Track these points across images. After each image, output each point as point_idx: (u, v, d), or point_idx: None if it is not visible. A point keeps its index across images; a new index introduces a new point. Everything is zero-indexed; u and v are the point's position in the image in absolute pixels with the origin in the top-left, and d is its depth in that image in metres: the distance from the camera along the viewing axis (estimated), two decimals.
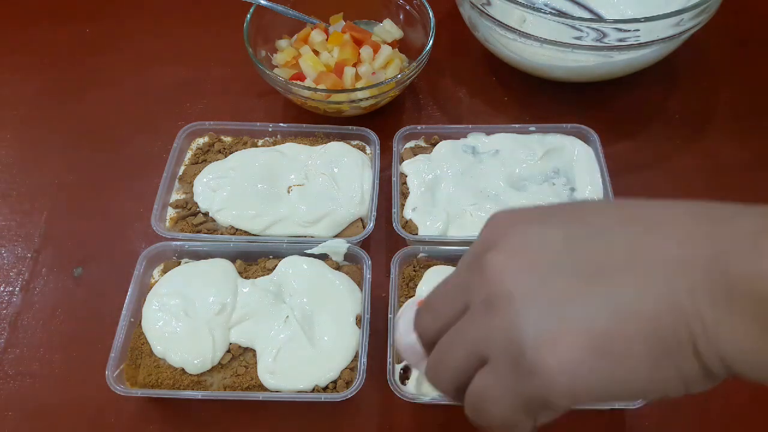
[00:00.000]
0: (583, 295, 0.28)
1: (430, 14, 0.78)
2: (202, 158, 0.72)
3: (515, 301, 0.29)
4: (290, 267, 0.63)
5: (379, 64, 0.77)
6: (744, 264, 0.26)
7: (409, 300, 0.52)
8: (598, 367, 0.27)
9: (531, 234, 0.31)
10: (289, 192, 0.68)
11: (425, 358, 0.40)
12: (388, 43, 0.80)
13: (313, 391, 0.56)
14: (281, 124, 0.74)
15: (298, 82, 0.75)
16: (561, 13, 0.81)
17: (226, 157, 0.72)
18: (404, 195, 0.68)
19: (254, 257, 0.65)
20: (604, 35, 0.69)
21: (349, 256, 0.65)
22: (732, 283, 0.26)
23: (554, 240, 0.30)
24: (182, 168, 0.72)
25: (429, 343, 0.36)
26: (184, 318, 0.59)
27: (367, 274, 0.62)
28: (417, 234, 0.65)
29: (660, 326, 0.26)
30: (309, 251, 0.64)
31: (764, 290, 0.25)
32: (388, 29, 0.82)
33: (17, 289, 0.67)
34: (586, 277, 0.28)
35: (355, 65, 0.77)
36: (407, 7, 0.82)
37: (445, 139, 0.73)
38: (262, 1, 0.79)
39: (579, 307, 0.27)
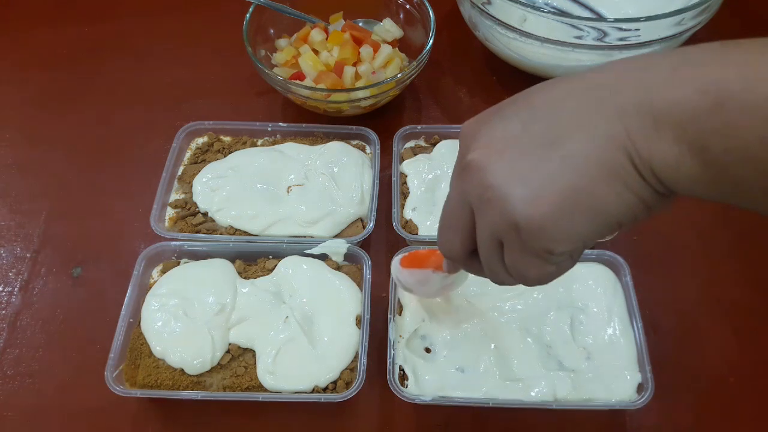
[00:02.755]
0: (545, 161, 0.34)
1: (431, 13, 0.78)
2: (202, 158, 0.72)
3: (497, 187, 0.35)
4: (290, 267, 0.62)
5: (379, 63, 0.77)
6: (663, 96, 0.31)
7: (396, 268, 0.57)
8: (572, 210, 0.34)
9: (493, 129, 0.37)
10: (288, 192, 0.68)
11: (426, 282, 0.52)
12: (388, 43, 0.80)
13: (312, 391, 0.56)
14: (281, 124, 0.74)
15: (298, 82, 0.75)
16: (562, 13, 0.81)
17: (225, 156, 0.72)
18: (404, 195, 0.68)
19: (254, 257, 0.65)
20: (605, 34, 0.69)
21: (349, 256, 0.64)
22: (656, 113, 0.31)
23: (513, 127, 0.36)
24: (181, 168, 0.72)
25: (461, 258, 0.42)
26: (184, 318, 0.58)
27: (367, 274, 0.62)
28: (417, 234, 0.65)
29: (607, 162, 0.33)
30: (309, 251, 0.64)
31: (680, 114, 0.30)
32: (388, 28, 0.81)
33: (16, 289, 0.66)
34: (545, 147, 0.34)
35: (355, 64, 0.77)
36: (407, 6, 0.82)
37: (445, 139, 0.73)
38: (262, 1, 0.79)
39: (546, 172, 0.34)
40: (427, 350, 0.58)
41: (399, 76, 0.73)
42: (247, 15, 0.77)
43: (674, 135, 0.31)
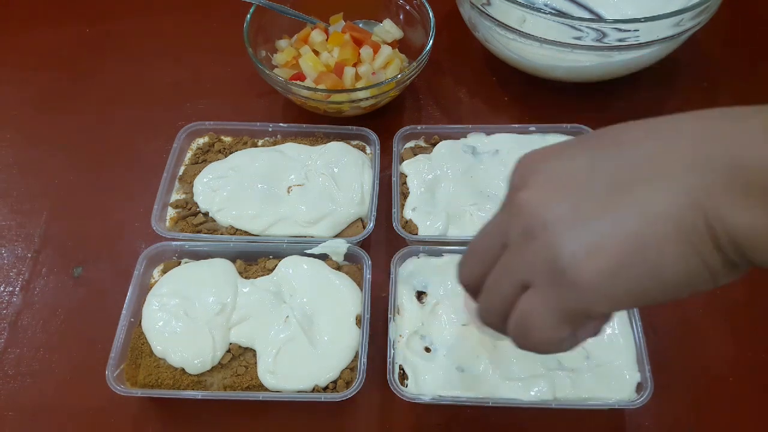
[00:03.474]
0: (611, 208, 0.30)
1: (430, 14, 0.78)
2: (202, 158, 0.72)
3: (550, 225, 0.31)
4: (290, 267, 0.63)
5: (379, 64, 0.77)
6: (757, 157, 0.28)
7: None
8: (633, 269, 0.30)
9: (556, 167, 0.33)
10: (289, 192, 0.68)
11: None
12: (388, 43, 0.80)
13: (313, 391, 0.56)
14: (281, 124, 0.75)
15: (298, 82, 0.75)
16: (561, 13, 0.81)
17: (226, 157, 0.72)
18: (404, 195, 0.68)
19: (254, 257, 0.65)
20: (604, 35, 0.69)
21: (349, 256, 0.65)
22: (747, 175, 0.28)
23: (578, 167, 0.32)
24: (182, 168, 0.72)
25: (474, 289, 0.38)
26: (184, 318, 0.59)
27: (367, 274, 0.62)
28: (417, 234, 0.65)
29: (683, 223, 0.29)
30: (309, 251, 0.64)
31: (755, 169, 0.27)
32: (388, 29, 0.82)
33: (17, 289, 0.67)
34: (612, 193, 0.30)
35: (355, 65, 0.77)
36: (407, 7, 0.82)
37: (445, 139, 0.73)
38: (262, 1, 0.79)
39: (609, 219, 0.30)
40: (427, 350, 0.58)
41: (399, 76, 0.73)
42: (248, 16, 0.78)
43: (766, 201, 0.27)
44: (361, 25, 0.83)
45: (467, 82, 0.85)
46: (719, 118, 0.30)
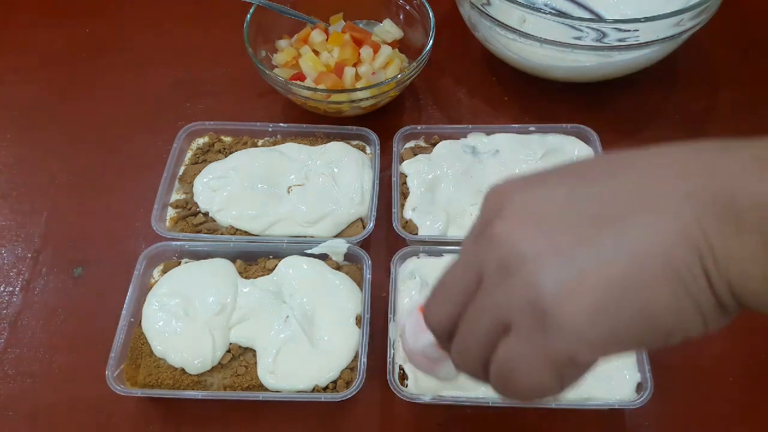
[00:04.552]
0: (594, 242, 0.28)
1: (430, 14, 0.78)
2: (202, 158, 0.72)
3: (529, 260, 0.28)
4: (290, 267, 0.63)
5: (379, 64, 0.77)
6: (750, 190, 0.26)
7: (409, 310, 0.50)
8: (620, 309, 0.27)
9: (533, 196, 0.30)
10: (289, 192, 0.68)
11: (439, 361, 0.39)
12: (388, 43, 0.80)
13: (313, 391, 0.56)
14: (281, 124, 0.75)
15: (298, 82, 0.75)
16: (561, 13, 0.81)
17: (226, 157, 0.72)
18: (404, 195, 0.68)
19: (254, 257, 0.65)
20: (604, 35, 0.69)
21: (349, 256, 0.65)
22: (739, 209, 0.26)
23: (557, 197, 0.30)
24: (182, 168, 0.72)
25: (445, 333, 0.34)
26: (184, 318, 0.59)
27: (367, 274, 0.62)
28: (417, 234, 0.65)
29: (673, 260, 0.27)
30: (309, 251, 0.64)
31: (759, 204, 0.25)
32: (388, 29, 0.82)
33: (17, 289, 0.67)
34: (595, 225, 0.28)
35: (355, 65, 0.77)
36: (407, 7, 0.82)
37: (445, 139, 0.73)
38: (262, 1, 0.79)
39: (593, 255, 0.27)
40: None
41: (399, 76, 0.73)
42: (248, 16, 0.78)
43: (763, 240, 0.26)
44: (361, 25, 0.83)
45: (467, 82, 0.85)
46: (708, 150, 0.29)
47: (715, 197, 0.26)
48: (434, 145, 0.72)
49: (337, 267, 0.64)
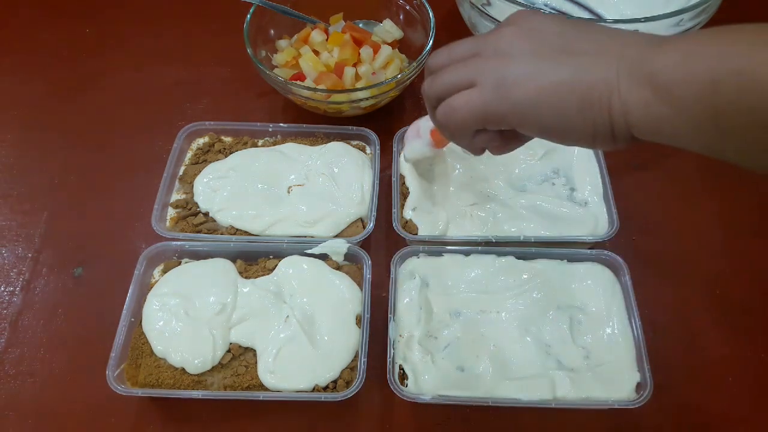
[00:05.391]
0: (559, 60, 0.42)
1: (430, 14, 0.78)
2: (203, 158, 0.72)
3: (515, 54, 0.43)
4: (290, 267, 0.63)
5: (379, 64, 0.77)
6: (651, 60, 0.39)
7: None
8: (548, 103, 0.41)
9: (538, 22, 0.45)
10: (289, 192, 0.69)
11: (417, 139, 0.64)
12: (388, 43, 0.80)
13: (313, 390, 0.56)
14: (281, 124, 0.75)
15: (298, 82, 0.75)
16: (561, 14, 0.81)
17: (226, 157, 0.72)
18: (404, 195, 0.68)
19: (254, 257, 0.65)
20: None
21: (349, 256, 0.65)
22: (642, 71, 0.39)
23: (553, 28, 0.44)
24: (182, 168, 0.72)
25: (437, 71, 0.48)
26: (185, 318, 0.59)
27: (367, 274, 0.62)
28: (417, 234, 0.65)
29: (593, 89, 0.40)
30: (309, 251, 0.64)
31: (655, 73, 0.38)
32: (388, 29, 0.82)
33: (18, 289, 0.67)
34: (564, 52, 0.42)
35: (355, 65, 0.77)
36: (407, 7, 0.82)
37: None
38: (262, 1, 0.79)
39: (553, 67, 0.42)
40: (427, 350, 0.58)
41: (399, 76, 0.73)
42: (248, 16, 0.78)
43: (651, 89, 0.38)
44: (361, 25, 0.83)
45: None
46: (654, 37, 0.41)
47: (632, 62, 0.40)
48: None
49: (338, 267, 0.64)
